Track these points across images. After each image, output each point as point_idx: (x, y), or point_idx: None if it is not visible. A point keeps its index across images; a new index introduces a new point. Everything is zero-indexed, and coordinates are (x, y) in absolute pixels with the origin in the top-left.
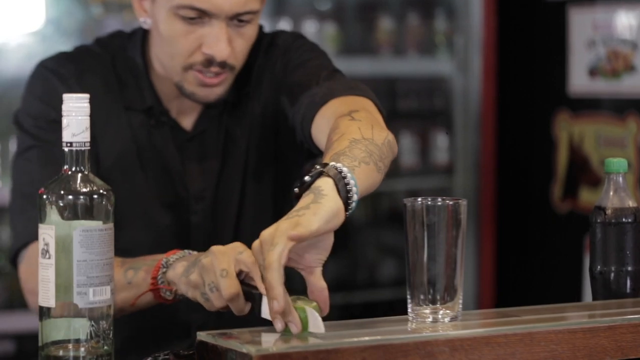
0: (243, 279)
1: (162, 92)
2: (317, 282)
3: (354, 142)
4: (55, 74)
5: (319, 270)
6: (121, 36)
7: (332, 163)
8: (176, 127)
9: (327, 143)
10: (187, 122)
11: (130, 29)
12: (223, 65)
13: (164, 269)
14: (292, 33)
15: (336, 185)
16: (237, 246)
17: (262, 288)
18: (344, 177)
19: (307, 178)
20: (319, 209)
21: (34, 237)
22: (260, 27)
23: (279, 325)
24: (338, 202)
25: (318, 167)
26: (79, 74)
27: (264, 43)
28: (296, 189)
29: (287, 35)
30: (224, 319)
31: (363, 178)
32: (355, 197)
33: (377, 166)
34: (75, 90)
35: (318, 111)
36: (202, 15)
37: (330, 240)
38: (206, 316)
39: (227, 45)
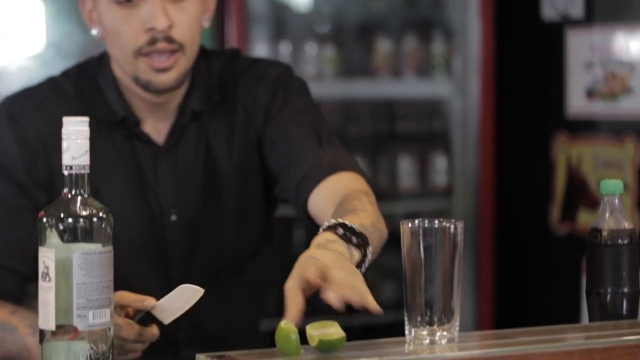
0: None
1: (135, 105)
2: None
3: (365, 227)
4: (7, 113)
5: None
6: (89, 62)
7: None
8: (149, 140)
9: (334, 214)
10: (160, 136)
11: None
12: (169, 40)
13: None
14: (284, 65)
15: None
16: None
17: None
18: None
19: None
20: (356, 278)
21: None
22: (238, 51)
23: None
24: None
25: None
26: (36, 109)
27: (256, 71)
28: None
29: (282, 68)
30: (209, 335)
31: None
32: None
33: (375, 252)
34: (27, 127)
35: (323, 180)
36: None
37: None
38: (192, 333)
39: (164, 15)
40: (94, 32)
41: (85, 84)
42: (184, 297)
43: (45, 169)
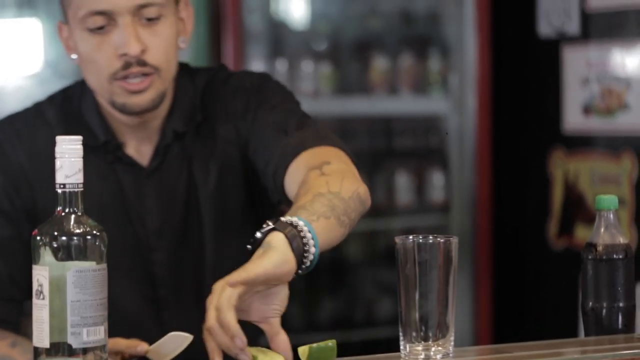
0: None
1: (116, 128)
2: (275, 332)
3: (317, 196)
4: None
5: (276, 322)
6: (73, 87)
7: (287, 218)
8: (133, 163)
9: (295, 197)
10: (144, 158)
11: None
12: (142, 63)
13: None
14: (260, 74)
15: (288, 239)
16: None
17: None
18: (299, 230)
19: (258, 235)
20: (263, 258)
21: None
22: (222, 67)
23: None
24: (287, 254)
25: (270, 223)
26: (17, 137)
27: (231, 85)
28: (249, 246)
29: (255, 77)
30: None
31: (321, 232)
32: (312, 250)
33: (339, 220)
34: (9, 155)
35: (290, 163)
36: (108, 21)
37: (284, 291)
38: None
39: (136, 40)
40: (74, 57)
41: (68, 108)
42: (175, 342)
43: (28, 196)
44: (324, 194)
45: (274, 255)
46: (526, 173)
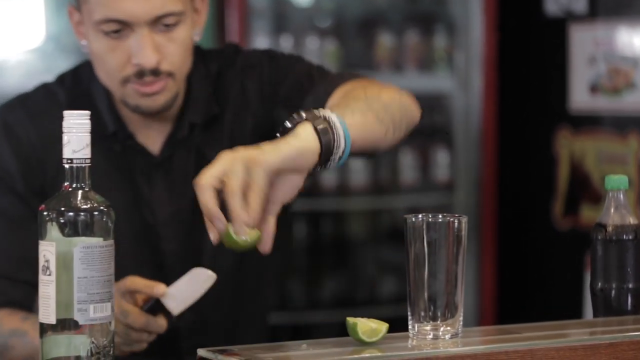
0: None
1: (126, 116)
2: (270, 221)
3: (353, 98)
4: (3, 123)
5: (275, 210)
6: (84, 68)
7: (318, 110)
8: (143, 151)
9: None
10: (155, 146)
11: None
12: (156, 73)
13: None
14: (264, 50)
15: (316, 130)
16: (119, 284)
17: None
18: (331, 125)
19: (287, 124)
20: (282, 144)
21: None
22: (235, 46)
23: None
24: (309, 145)
25: (303, 113)
26: (29, 118)
27: (237, 65)
28: (277, 134)
29: (260, 53)
30: (206, 326)
31: (357, 127)
32: (342, 145)
33: (377, 117)
34: (21, 137)
35: (326, 103)
36: (123, 27)
37: (296, 181)
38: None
39: (152, 52)
40: (84, 43)
41: (78, 92)
42: (196, 283)
43: (40, 178)
44: (361, 98)
45: (292, 145)
46: (532, 152)
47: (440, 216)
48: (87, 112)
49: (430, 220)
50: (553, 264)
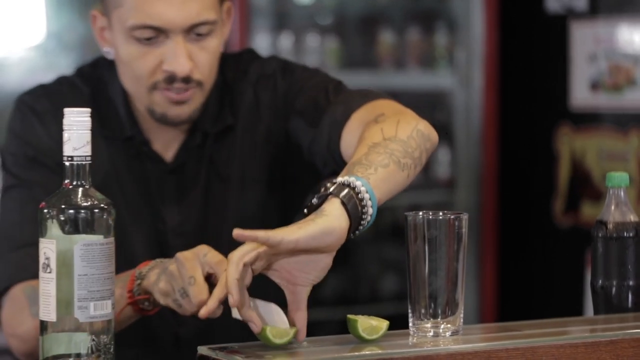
0: (213, 280)
1: (143, 122)
2: (297, 307)
3: (372, 147)
4: (32, 110)
5: (302, 292)
6: (103, 66)
7: (343, 178)
8: (157, 158)
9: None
10: (169, 154)
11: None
12: (187, 80)
13: (139, 281)
14: (280, 60)
15: (344, 204)
16: (202, 249)
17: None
18: (357, 192)
19: (314, 201)
20: (308, 224)
21: (15, 280)
22: (252, 52)
23: (253, 327)
24: (336, 223)
25: (328, 185)
26: (55, 109)
27: (252, 75)
28: (305, 210)
29: (275, 62)
30: (212, 332)
31: (381, 184)
32: (370, 210)
33: (399, 165)
34: (51, 127)
35: (343, 129)
36: (157, 34)
37: (325, 261)
38: (195, 328)
39: (186, 60)
40: (106, 50)
41: (98, 90)
42: (267, 312)
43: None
44: (379, 143)
45: (319, 224)
46: (532, 150)
47: (441, 213)
48: (88, 110)
49: (431, 217)
50: (554, 261)
